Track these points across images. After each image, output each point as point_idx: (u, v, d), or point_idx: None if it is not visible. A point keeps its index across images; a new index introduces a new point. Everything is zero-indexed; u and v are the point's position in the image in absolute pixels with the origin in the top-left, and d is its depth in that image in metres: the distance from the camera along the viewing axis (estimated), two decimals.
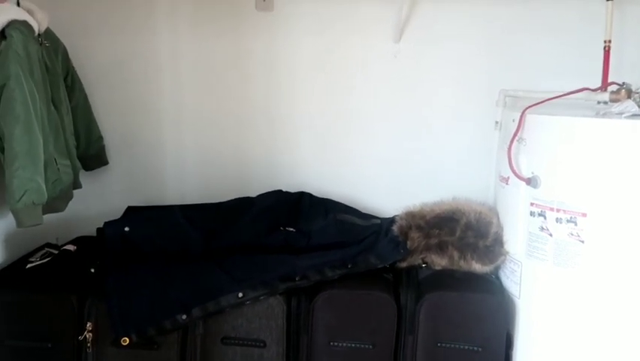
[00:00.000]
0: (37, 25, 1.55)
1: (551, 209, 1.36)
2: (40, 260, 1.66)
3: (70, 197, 1.70)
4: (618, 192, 1.27)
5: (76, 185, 1.76)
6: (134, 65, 1.96)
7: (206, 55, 1.95)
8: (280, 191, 1.85)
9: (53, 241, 1.85)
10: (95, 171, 1.95)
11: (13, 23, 1.45)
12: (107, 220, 1.70)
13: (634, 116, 1.28)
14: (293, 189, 1.89)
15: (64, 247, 1.76)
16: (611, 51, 1.62)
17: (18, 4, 1.53)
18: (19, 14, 1.49)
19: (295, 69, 1.93)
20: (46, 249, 1.75)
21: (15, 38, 1.43)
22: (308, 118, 1.96)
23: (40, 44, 1.57)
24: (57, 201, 1.60)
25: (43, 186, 1.45)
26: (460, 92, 1.86)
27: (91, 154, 1.90)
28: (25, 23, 1.49)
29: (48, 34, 1.65)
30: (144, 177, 2.03)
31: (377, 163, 1.95)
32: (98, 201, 1.98)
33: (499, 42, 1.81)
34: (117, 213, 1.83)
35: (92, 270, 1.61)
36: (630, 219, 1.27)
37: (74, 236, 1.90)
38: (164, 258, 1.59)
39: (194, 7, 1.91)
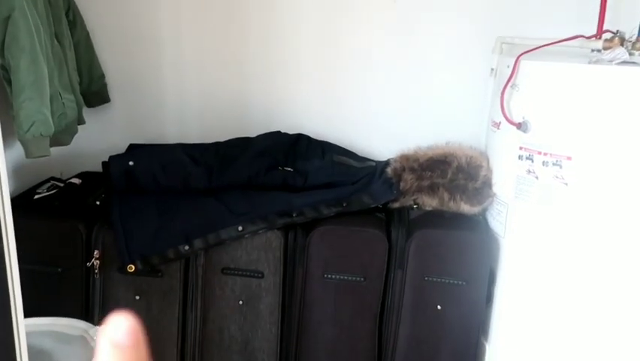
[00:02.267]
0: None
1: (539, 153, 1.42)
2: (47, 192, 1.72)
3: (75, 131, 1.74)
4: (602, 137, 1.33)
5: (80, 120, 1.80)
6: (135, 3, 1.96)
7: None
8: (279, 132, 1.90)
9: (57, 175, 1.91)
10: (97, 108, 1.98)
11: None
12: (109, 155, 1.76)
13: (623, 63, 1.32)
14: (291, 132, 1.94)
15: (70, 181, 1.82)
16: None
17: None
18: None
19: (295, 12, 1.94)
20: (52, 182, 1.81)
21: None
22: (307, 62, 1.98)
23: None
24: (63, 134, 1.65)
25: (50, 119, 1.49)
26: (458, 39, 1.89)
27: (93, 91, 1.93)
28: None
29: None
30: (145, 116, 2.07)
31: (375, 108, 1.99)
32: (101, 138, 2.02)
33: None
34: (119, 150, 1.87)
35: (97, 202, 1.68)
36: (612, 164, 1.34)
37: (77, 171, 1.95)
38: (166, 193, 1.65)
39: None
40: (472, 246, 1.56)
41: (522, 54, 1.47)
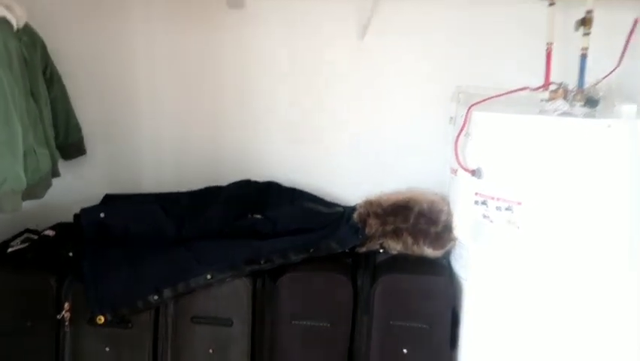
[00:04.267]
0: (16, 20, 1.63)
1: (492, 198, 1.49)
2: (20, 245, 1.75)
3: (49, 185, 1.79)
4: (548, 183, 1.40)
5: (55, 173, 1.85)
6: (111, 56, 2.04)
7: (181, 48, 2.03)
8: (249, 180, 1.96)
9: (33, 227, 1.95)
10: (73, 160, 2.04)
11: None
12: (85, 206, 1.81)
13: (564, 114, 1.41)
14: (263, 179, 2.00)
15: (44, 233, 1.86)
16: (557, 51, 1.74)
17: None
18: None
19: (265, 63, 2.03)
20: (26, 234, 1.84)
21: None
22: (277, 111, 2.06)
23: (20, 40, 1.65)
24: (36, 188, 1.69)
25: (22, 175, 1.54)
26: (420, 88, 1.98)
27: (69, 143, 1.99)
28: (3, 19, 1.57)
29: (27, 29, 1.72)
30: (121, 165, 2.12)
31: (342, 154, 2.06)
32: (77, 190, 2.07)
33: (454, 42, 1.92)
34: (95, 200, 1.93)
35: (70, 254, 1.72)
36: (557, 208, 1.40)
37: (54, 222, 1.99)
38: (137, 243, 1.69)
39: (169, 2, 1.99)
40: (434, 289, 1.59)
41: (473, 105, 1.55)
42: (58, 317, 1.58)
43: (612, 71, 1.69)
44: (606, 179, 1.38)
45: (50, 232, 1.86)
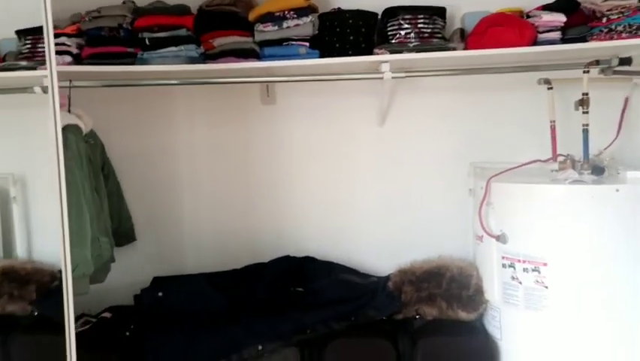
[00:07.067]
0: (84, 127, 1.88)
1: (519, 261, 1.64)
2: (81, 327, 1.89)
3: (109, 270, 1.95)
4: (569, 244, 1.56)
5: (112, 259, 2.02)
6: (157, 154, 2.28)
7: (219, 140, 2.27)
8: (288, 256, 2.12)
9: (86, 311, 2.08)
10: (123, 246, 2.21)
11: (68, 127, 1.77)
12: (134, 289, 1.98)
13: (575, 182, 1.59)
14: (299, 255, 2.16)
15: (101, 315, 1.99)
16: (560, 126, 1.96)
17: (69, 111, 1.87)
18: (72, 119, 1.82)
19: (296, 151, 2.26)
20: (85, 318, 1.98)
21: (70, 139, 1.75)
22: (309, 192, 2.26)
23: (86, 142, 1.88)
24: (99, 273, 1.85)
25: (90, 260, 1.71)
26: (440, 166, 2.19)
27: (121, 232, 2.17)
28: (76, 126, 1.82)
29: (91, 132, 1.97)
30: (166, 250, 2.29)
31: (372, 228, 2.23)
32: (126, 274, 2.22)
33: (466, 123, 2.15)
34: (144, 283, 2.08)
35: (127, 333, 1.85)
36: (580, 266, 1.55)
37: (104, 306, 2.12)
38: (192, 319, 1.83)
39: (209, 103, 2.25)
40: (472, 351, 1.70)
41: (492, 177, 1.74)
42: None
43: (612, 142, 1.90)
44: (616, 237, 1.54)
45: (107, 315, 1.99)
